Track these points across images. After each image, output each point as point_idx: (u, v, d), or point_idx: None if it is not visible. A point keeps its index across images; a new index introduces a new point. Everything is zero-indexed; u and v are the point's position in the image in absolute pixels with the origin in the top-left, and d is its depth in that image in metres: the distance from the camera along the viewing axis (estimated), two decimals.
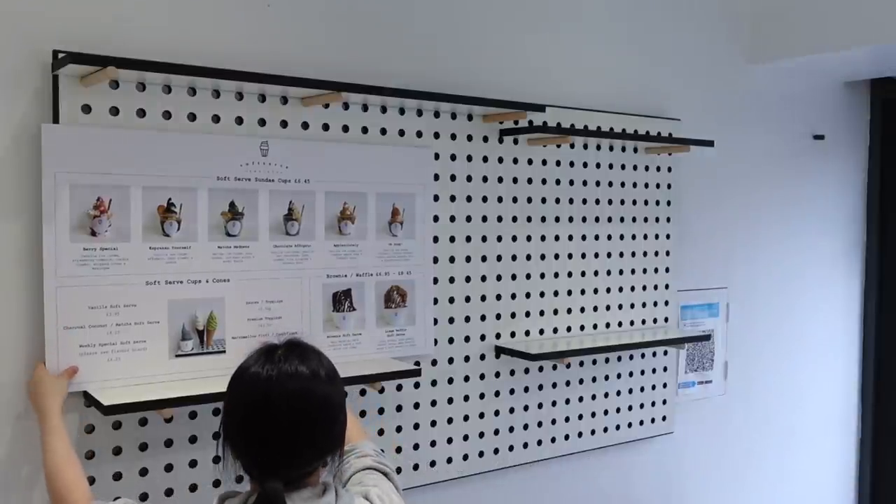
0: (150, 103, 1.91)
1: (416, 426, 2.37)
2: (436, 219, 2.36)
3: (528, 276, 2.58)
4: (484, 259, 2.48)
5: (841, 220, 3.70)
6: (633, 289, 2.86)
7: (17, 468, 1.80)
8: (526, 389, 2.59)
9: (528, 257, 2.58)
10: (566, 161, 2.67)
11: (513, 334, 2.55)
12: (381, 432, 2.30)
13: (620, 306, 2.83)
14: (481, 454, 2.51)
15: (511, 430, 2.56)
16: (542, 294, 2.62)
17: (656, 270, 2.94)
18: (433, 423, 2.40)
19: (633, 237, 2.86)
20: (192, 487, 2.00)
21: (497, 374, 2.53)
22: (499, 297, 2.52)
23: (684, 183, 3.02)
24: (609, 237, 2.79)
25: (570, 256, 2.68)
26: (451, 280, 2.41)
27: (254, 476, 1.38)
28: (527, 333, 2.59)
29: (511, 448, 2.57)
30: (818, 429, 3.66)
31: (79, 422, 1.84)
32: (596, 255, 2.75)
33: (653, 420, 2.94)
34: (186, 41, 1.97)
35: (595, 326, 2.76)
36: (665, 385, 2.97)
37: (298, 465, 1.39)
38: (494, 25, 2.50)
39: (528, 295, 2.58)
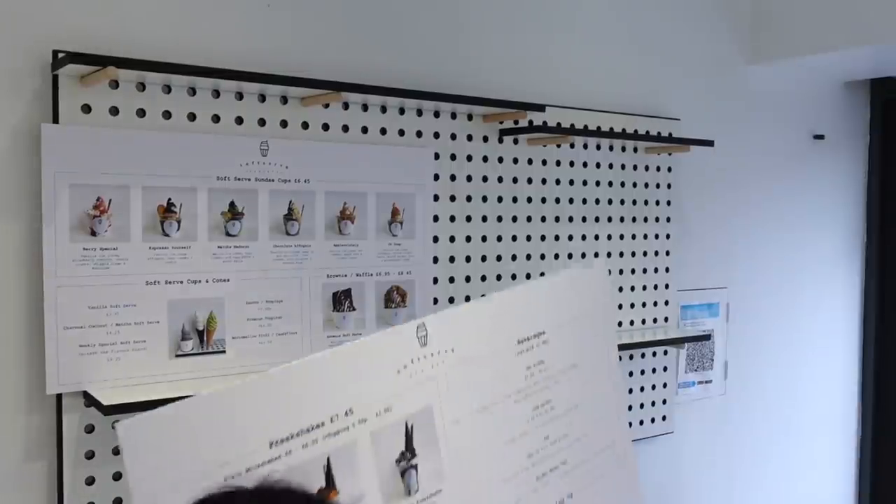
0: (150, 103, 1.91)
1: None
2: (436, 219, 2.36)
3: (529, 276, 2.58)
4: (484, 259, 2.48)
5: (841, 220, 3.70)
6: (633, 289, 2.86)
7: (19, 468, 1.80)
8: None
9: (528, 257, 2.58)
10: (566, 161, 2.67)
11: None
12: None
13: (620, 306, 2.83)
14: None
15: None
16: None
17: (656, 270, 2.94)
18: None
19: (633, 237, 2.86)
20: None
21: None
22: None
23: (684, 183, 3.02)
24: (609, 237, 2.79)
25: (570, 256, 2.68)
26: (451, 280, 2.41)
27: None
28: None
29: None
30: (818, 428, 3.66)
31: (79, 422, 1.84)
32: (596, 255, 2.75)
33: (653, 420, 2.94)
34: (186, 41, 1.97)
35: None
36: (665, 385, 2.97)
37: None
38: (494, 25, 2.50)
39: None
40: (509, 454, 1.58)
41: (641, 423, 2.91)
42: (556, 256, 2.65)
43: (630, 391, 2.86)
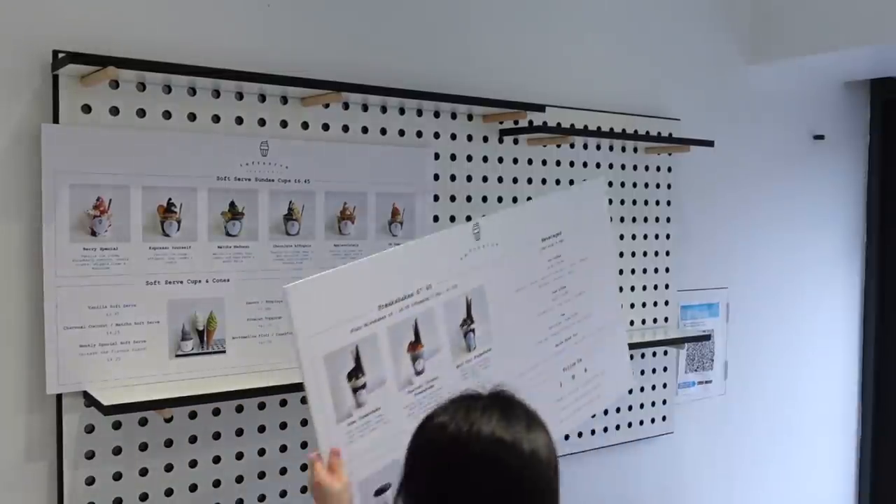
0: (150, 103, 1.91)
1: None
2: (436, 219, 2.36)
3: None
4: None
5: (841, 220, 3.70)
6: (633, 289, 2.86)
7: (19, 468, 1.80)
8: None
9: None
10: (566, 161, 2.67)
11: None
12: None
13: (621, 306, 2.82)
14: None
15: None
16: None
17: (656, 270, 2.94)
18: None
19: (633, 237, 2.86)
20: (192, 487, 2.00)
21: None
22: None
23: (684, 183, 3.02)
24: None
25: None
26: None
27: None
28: None
29: None
30: (818, 429, 3.66)
31: (79, 422, 1.84)
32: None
33: (653, 420, 2.94)
34: (186, 41, 1.97)
35: None
36: (665, 385, 2.97)
37: None
38: (494, 25, 2.50)
39: None
40: (537, 325, 2.04)
41: (641, 423, 2.91)
42: None
43: (630, 391, 2.86)
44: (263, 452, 2.10)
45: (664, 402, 2.97)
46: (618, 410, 2.83)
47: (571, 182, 2.68)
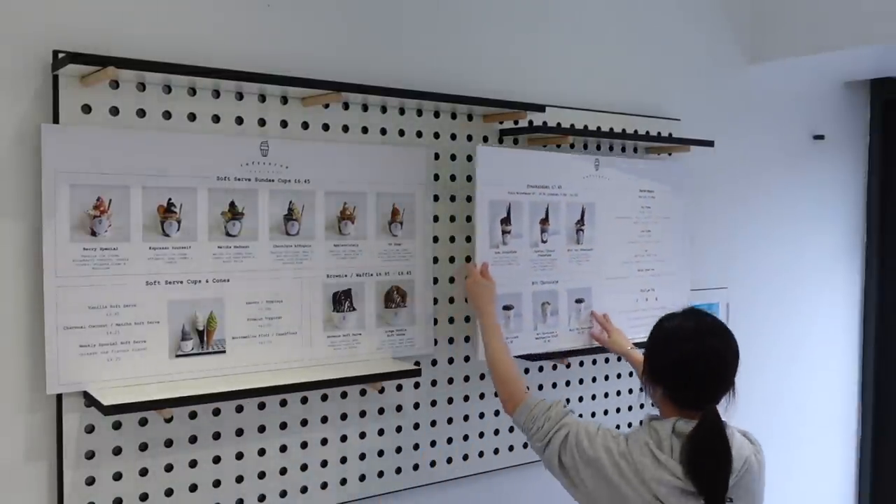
0: (150, 103, 1.91)
1: (416, 426, 2.37)
2: (436, 219, 2.36)
3: None
4: None
5: (841, 220, 3.70)
6: None
7: (19, 468, 1.80)
8: (525, 389, 2.58)
9: None
10: None
11: None
12: (381, 432, 2.30)
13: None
14: (481, 454, 2.51)
15: (511, 430, 2.56)
16: None
17: None
18: (433, 423, 2.40)
19: None
20: (193, 487, 2.00)
21: None
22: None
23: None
24: None
25: None
26: (451, 280, 2.41)
27: (677, 405, 1.90)
28: None
29: (511, 448, 2.57)
30: (818, 428, 3.66)
31: (79, 422, 1.84)
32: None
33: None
34: (186, 41, 1.97)
35: None
36: None
37: (711, 399, 1.89)
38: (494, 25, 2.51)
39: None
40: (626, 249, 2.70)
41: (641, 423, 2.89)
42: None
43: (630, 391, 2.86)
44: (263, 452, 2.10)
45: None
46: (618, 411, 2.83)
47: None
